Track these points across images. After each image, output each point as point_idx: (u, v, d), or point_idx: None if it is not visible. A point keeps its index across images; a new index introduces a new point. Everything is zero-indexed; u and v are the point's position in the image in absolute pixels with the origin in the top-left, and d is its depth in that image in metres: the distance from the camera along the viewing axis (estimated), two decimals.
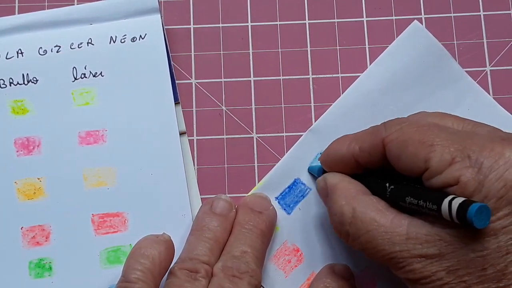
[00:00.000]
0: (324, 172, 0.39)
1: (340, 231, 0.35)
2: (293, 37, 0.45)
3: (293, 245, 0.41)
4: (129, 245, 0.40)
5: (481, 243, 0.29)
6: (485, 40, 0.45)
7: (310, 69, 0.44)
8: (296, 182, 0.42)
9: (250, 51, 0.44)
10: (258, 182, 0.42)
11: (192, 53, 0.44)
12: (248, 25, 0.45)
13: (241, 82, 0.44)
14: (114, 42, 0.43)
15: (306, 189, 0.41)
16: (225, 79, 0.44)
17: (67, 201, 0.41)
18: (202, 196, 0.42)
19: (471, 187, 0.29)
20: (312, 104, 0.43)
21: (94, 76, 0.42)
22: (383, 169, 0.35)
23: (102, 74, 0.42)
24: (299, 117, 0.43)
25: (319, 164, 0.40)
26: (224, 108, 0.43)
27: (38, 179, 0.41)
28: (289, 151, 0.42)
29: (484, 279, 0.29)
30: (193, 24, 0.45)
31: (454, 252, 0.30)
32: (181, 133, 0.42)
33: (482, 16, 0.45)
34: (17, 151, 0.41)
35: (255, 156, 0.43)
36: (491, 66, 0.44)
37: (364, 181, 0.36)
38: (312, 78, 0.44)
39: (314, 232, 0.41)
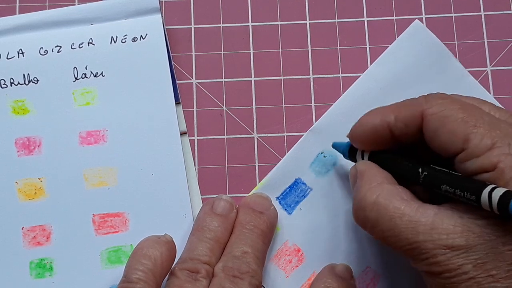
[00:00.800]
0: (350, 149, 0.38)
1: (358, 217, 0.34)
2: (294, 37, 0.45)
3: (294, 245, 0.41)
4: (130, 245, 0.40)
5: None
6: (485, 40, 0.45)
7: (310, 69, 0.44)
8: (297, 182, 0.42)
9: (251, 51, 0.44)
10: (259, 182, 0.42)
11: (193, 53, 0.44)
12: (249, 25, 0.45)
13: (242, 82, 0.44)
14: (115, 42, 0.43)
15: (307, 189, 0.41)
16: (226, 79, 0.44)
17: (68, 201, 0.41)
18: (203, 196, 0.42)
19: (509, 174, 0.28)
20: (313, 104, 0.43)
21: (95, 76, 0.42)
22: (415, 150, 0.34)
23: (103, 74, 0.42)
24: (300, 117, 0.43)
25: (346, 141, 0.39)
26: (224, 108, 0.43)
27: (39, 179, 0.41)
28: (289, 151, 0.42)
29: None
30: (194, 24, 0.45)
31: (483, 245, 0.29)
32: (182, 133, 0.42)
33: (482, 16, 0.45)
34: (18, 151, 0.41)
35: (256, 156, 0.43)
36: (491, 66, 0.44)
37: (396, 165, 0.35)
38: (313, 78, 0.44)
39: (315, 232, 0.41)
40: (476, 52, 0.44)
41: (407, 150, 0.35)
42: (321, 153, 0.41)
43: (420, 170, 0.33)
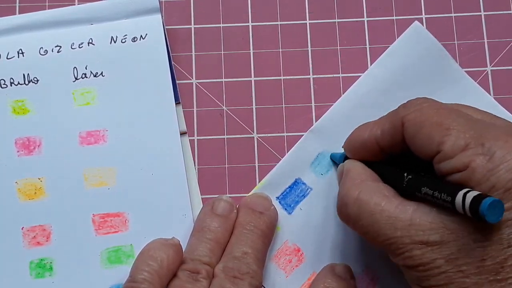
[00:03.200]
0: (345, 159, 0.39)
1: (341, 213, 0.35)
2: (294, 37, 0.45)
3: (294, 245, 0.41)
4: (130, 245, 0.40)
5: (484, 234, 0.29)
6: (485, 40, 0.45)
7: (310, 69, 0.44)
8: (297, 182, 0.42)
9: (251, 51, 0.44)
10: (259, 182, 0.42)
11: (193, 53, 0.44)
12: (248, 25, 0.45)
13: (242, 82, 0.44)
14: (115, 42, 0.43)
15: (307, 189, 0.41)
16: (225, 79, 0.44)
17: (68, 201, 0.41)
18: (203, 196, 0.42)
19: (479, 174, 0.29)
20: (313, 104, 0.43)
21: (95, 76, 0.42)
22: (403, 158, 0.35)
23: (103, 74, 0.42)
24: (300, 117, 0.43)
25: (342, 152, 0.40)
26: (224, 108, 0.43)
27: (39, 179, 0.41)
28: (289, 151, 0.42)
29: (482, 270, 0.29)
30: (194, 24, 0.45)
31: (455, 241, 0.30)
32: (182, 133, 0.42)
33: (482, 16, 0.45)
34: (18, 151, 0.41)
35: (256, 156, 0.43)
36: (491, 66, 0.44)
37: (382, 170, 0.36)
38: (313, 78, 0.44)
39: (315, 232, 0.41)
40: (476, 52, 0.44)
41: (398, 159, 0.36)
42: (321, 153, 0.41)
43: (405, 174, 0.34)
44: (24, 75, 0.42)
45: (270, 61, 0.44)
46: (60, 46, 0.43)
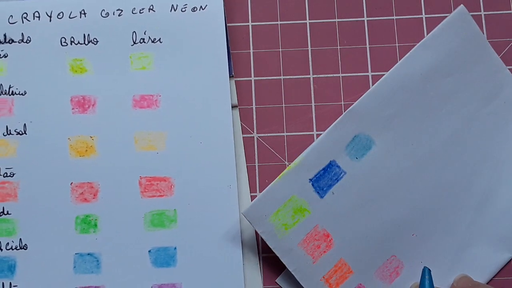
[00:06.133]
0: None
1: None
2: (294, 36, 0.44)
3: (324, 230, 0.40)
4: (173, 210, 0.41)
5: None
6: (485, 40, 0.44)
7: (310, 68, 0.44)
8: (331, 165, 0.40)
9: (251, 50, 0.44)
10: (259, 181, 0.42)
11: None
12: (249, 25, 0.45)
13: (242, 82, 0.44)
14: (175, 10, 0.43)
15: (341, 173, 0.40)
16: None
17: (117, 161, 0.41)
18: None
19: None
20: (313, 104, 0.43)
21: (152, 42, 0.43)
22: None
23: (161, 41, 0.43)
24: (300, 117, 0.43)
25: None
26: None
27: (91, 137, 0.41)
28: (326, 131, 0.41)
29: None
30: None
31: None
32: (233, 106, 0.42)
33: (483, 16, 0.45)
34: (73, 109, 0.42)
35: (256, 156, 0.43)
36: None
37: None
38: (313, 77, 0.44)
39: (346, 218, 0.40)
40: None
41: None
42: (358, 135, 0.41)
43: None
44: (84, 35, 0.43)
45: (270, 61, 0.44)
46: (122, 10, 0.43)
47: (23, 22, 0.43)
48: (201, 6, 0.43)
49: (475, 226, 0.42)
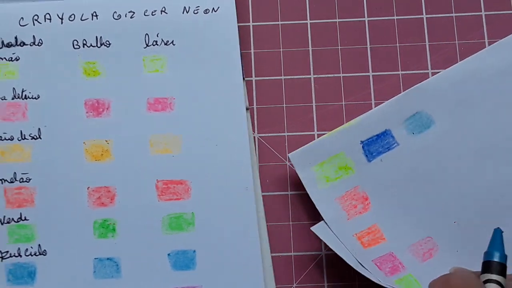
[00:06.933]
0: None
1: None
2: (295, 37, 0.45)
3: (363, 193, 0.41)
4: (191, 213, 0.41)
5: None
6: (486, 40, 0.45)
7: (311, 69, 0.44)
8: (386, 133, 0.41)
9: (252, 50, 0.44)
10: (260, 182, 0.42)
11: None
12: (249, 25, 0.45)
13: None
14: (187, 12, 0.43)
15: (394, 143, 0.41)
16: None
17: (133, 165, 0.41)
18: None
19: None
20: (314, 104, 0.44)
21: (165, 44, 0.43)
22: None
23: (174, 43, 0.43)
24: (300, 117, 0.44)
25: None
26: None
27: (106, 141, 0.41)
28: (388, 101, 0.42)
29: None
30: None
31: None
32: (246, 108, 0.43)
33: (483, 16, 0.45)
34: (87, 112, 0.42)
35: (256, 156, 0.43)
36: None
37: None
38: (314, 78, 0.44)
39: (388, 188, 0.41)
40: (476, 52, 0.44)
41: None
42: (419, 112, 0.41)
43: None
44: (97, 37, 0.42)
45: (271, 61, 0.44)
46: (134, 12, 0.43)
47: (34, 25, 0.42)
48: (213, 8, 0.43)
49: None
